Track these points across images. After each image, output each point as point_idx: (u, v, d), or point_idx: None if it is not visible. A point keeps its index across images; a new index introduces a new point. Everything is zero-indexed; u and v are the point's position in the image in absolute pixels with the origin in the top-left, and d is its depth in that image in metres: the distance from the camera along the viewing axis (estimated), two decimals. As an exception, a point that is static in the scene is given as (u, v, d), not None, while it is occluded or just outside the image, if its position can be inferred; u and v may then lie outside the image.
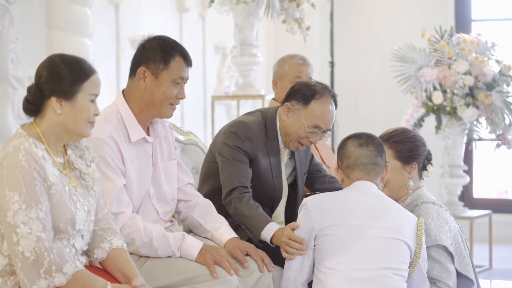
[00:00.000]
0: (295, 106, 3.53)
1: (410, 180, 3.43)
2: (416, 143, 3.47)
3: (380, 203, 3.19)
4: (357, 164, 3.22)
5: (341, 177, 3.27)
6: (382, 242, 3.10)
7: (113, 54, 6.07)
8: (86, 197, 2.75)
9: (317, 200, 3.19)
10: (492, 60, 6.25)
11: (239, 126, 3.55)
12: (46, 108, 2.65)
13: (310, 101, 3.50)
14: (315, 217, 3.12)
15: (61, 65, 2.65)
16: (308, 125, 3.50)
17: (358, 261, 3.05)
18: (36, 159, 2.57)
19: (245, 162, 3.50)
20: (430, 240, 3.28)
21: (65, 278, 2.56)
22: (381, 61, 7.84)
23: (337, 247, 3.07)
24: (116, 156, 3.11)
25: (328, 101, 3.52)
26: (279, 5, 5.83)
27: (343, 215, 3.11)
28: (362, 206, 3.15)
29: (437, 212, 3.35)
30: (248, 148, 3.51)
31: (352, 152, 3.23)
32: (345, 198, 3.19)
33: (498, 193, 7.98)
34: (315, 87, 3.53)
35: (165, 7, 6.72)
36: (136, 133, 3.19)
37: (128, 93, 3.24)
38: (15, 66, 4.94)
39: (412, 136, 3.49)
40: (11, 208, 2.53)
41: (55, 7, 5.33)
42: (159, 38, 3.22)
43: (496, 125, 6.19)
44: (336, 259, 3.06)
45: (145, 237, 3.08)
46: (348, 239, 3.08)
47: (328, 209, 3.13)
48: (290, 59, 4.51)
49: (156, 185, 3.28)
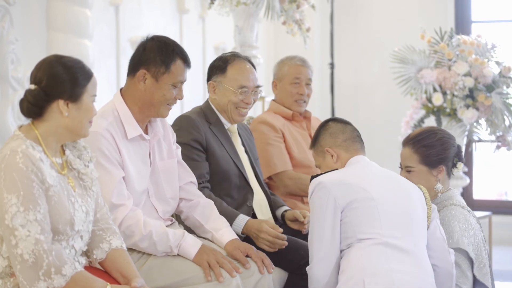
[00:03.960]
0: (216, 80, 3.75)
1: (438, 183, 3.37)
2: (445, 146, 3.38)
3: (388, 174, 3.18)
4: (354, 136, 3.26)
5: (336, 155, 3.22)
6: (405, 207, 3.07)
7: (113, 56, 6.07)
8: (84, 198, 2.75)
9: (332, 177, 3.10)
10: (492, 61, 6.25)
11: (180, 121, 3.70)
12: (50, 110, 2.65)
13: (226, 68, 3.73)
14: (338, 192, 3.04)
15: (64, 68, 2.66)
16: (234, 88, 3.70)
17: (391, 230, 3.00)
18: (33, 161, 2.58)
19: (195, 157, 3.60)
20: (452, 243, 3.26)
21: (64, 280, 2.56)
22: (381, 63, 7.84)
23: (368, 218, 3.01)
24: (113, 148, 3.12)
25: (241, 62, 3.75)
26: (279, 6, 5.83)
27: (364, 187, 3.06)
28: (377, 178, 3.13)
29: (464, 217, 3.32)
30: (196, 136, 3.63)
31: (343, 127, 3.27)
32: (358, 172, 3.14)
33: (498, 194, 7.97)
34: (226, 56, 3.78)
35: (165, 9, 6.72)
36: (132, 130, 3.20)
37: (126, 92, 3.25)
38: (15, 67, 4.94)
39: (441, 138, 3.39)
40: (9, 210, 2.53)
41: (55, 8, 5.33)
42: (159, 40, 3.23)
43: (496, 126, 6.19)
44: (370, 229, 3.00)
45: (145, 230, 3.09)
46: (376, 209, 3.02)
47: (348, 183, 3.07)
48: (289, 60, 4.52)
49: (155, 184, 3.29)
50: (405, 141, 3.46)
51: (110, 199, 3.02)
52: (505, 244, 7.28)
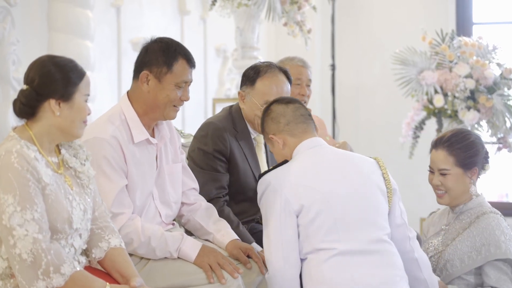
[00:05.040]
0: (246, 90, 3.65)
1: (472, 185, 3.34)
2: (477, 148, 3.35)
3: (339, 159, 3.00)
4: (297, 116, 3.05)
5: (281, 141, 3.04)
6: (363, 199, 2.90)
7: (114, 57, 6.07)
8: (82, 196, 2.75)
9: (280, 176, 2.92)
10: (493, 63, 6.25)
11: (207, 128, 3.64)
12: (42, 110, 2.65)
13: (256, 81, 3.61)
14: (289, 195, 2.87)
15: (55, 67, 2.65)
16: (260, 103, 3.58)
17: (348, 233, 2.85)
18: (28, 160, 2.58)
19: (219, 169, 3.55)
20: (501, 253, 3.23)
21: (63, 279, 2.56)
22: (382, 64, 7.84)
23: (324, 226, 2.84)
24: (119, 156, 3.11)
25: (273, 75, 3.60)
26: (280, 8, 5.84)
27: (315, 186, 2.88)
28: (327, 170, 2.94)
29: (506, 225, 3.29)
30: (221, 147, 3.57)
31: (284, 109, 3.06)
32: (308, 165, 2.95)
33: (499, 196, 7.97)
34: (259, 67, 3.65)
35: (167, 10, 6.72)
36: (139, 134, 3.19)
37: (132, 95, 3.24)
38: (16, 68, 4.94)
39: (474, 141, 3.36)
40: (6, 210, 2.53)
41: (56, 9, 5.33)
42: (161, 41, 3.21)
43: (497, 128, 6.19)
44: (326, 237, 2.83)
45: (143, 237, 3.08)
46: (330, 214, 2.85)
47: (298, 184, 2.88)
48: (289, 61, 4.52)
49: (160, 187, 3.28)
50: (438, 143, 3.37)
51: (109, 208, 3.02)
52: (506, 246, 7.27)
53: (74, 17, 5.33)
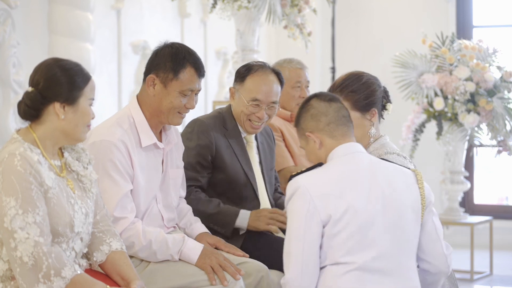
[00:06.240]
0: (236, 87, 3.68)
1: (372, 127, 3.22)
2: (372, 87, 3.23)
3: (375, 167, 2.84)
4: (339, 118, 2.86)
5: (319, 140, 2.85)
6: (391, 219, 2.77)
7: (114, 59, 6.07)
8: (84, 199, 2.75)
9: (313, 181, 2.77)
10: (493, 66, 6.26)
11: (194, 124, 3.66)
12: (46, 113, 2.65)
13: (246, 78, 3.63)
14: (319, 203, 2.73)
15: (61, 71, 2.65)
16: (247, 100, 3.61)
17: (371, 251, 2.73)
18: (31, 163, 2.57)
19: (197, 168, 3.56)
20: None
21: (64, 282, 2.55)
22: (382, 67, 7.82)
23: (348, 240, 2.72)
24: (125, 160, 3.10)
25: (263, 74, 3.62)
26: (280, 10, 5.84)
27: (346, 198, 2.73)
28: (361, 182, 2.78)
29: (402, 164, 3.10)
30: (206, 142, 3.57)
31: (326, 108, 2.86)
32: (342, 172, 2.80)
33: (498, 199, 7.97)
34: (251, 65, 3.67)
35: (167, 13, 6.73)
36: (147, 138, 3.19)
37: (140, 98, 3.24)
38: (16, 70, 4.95)
39: (367, 81, 3.25)
40: (8, 213, 2.53)
41: (57, 12, 5.34)
42: (172, 46, 3.19)
43: (497, 131, 6.19)
44: (348, 252, 2.72)
45: (144, 240, 3.08)
46: (357, 230, 2.72)
47: (329, 193, 2.74)
48: (288, 64, 4.53)
49: (164, 192, 3.28)
50: (331, 90, 3.23)
51: (112, 212, 3.02)
52: (506, 249, 7.27)
53: (75, 20, 5.35)
